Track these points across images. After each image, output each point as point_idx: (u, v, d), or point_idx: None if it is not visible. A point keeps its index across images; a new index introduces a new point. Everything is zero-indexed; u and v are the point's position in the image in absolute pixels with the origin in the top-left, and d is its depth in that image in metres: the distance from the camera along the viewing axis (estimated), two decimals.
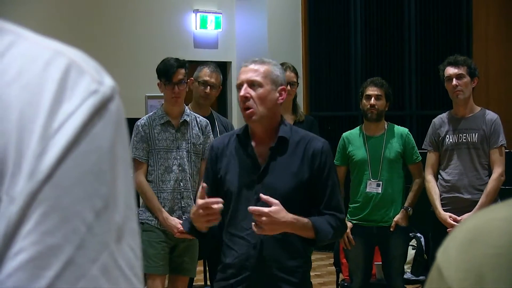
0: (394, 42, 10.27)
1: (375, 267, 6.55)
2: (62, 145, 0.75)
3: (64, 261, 0.73)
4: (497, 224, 0.84)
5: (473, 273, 0.82)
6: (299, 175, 3.58)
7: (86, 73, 0.80)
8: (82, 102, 0.77)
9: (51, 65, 0.78)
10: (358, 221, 5.95)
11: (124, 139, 0.82)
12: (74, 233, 0.74)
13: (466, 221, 0.89)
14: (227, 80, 10.51)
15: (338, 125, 10.23)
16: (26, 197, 0.74)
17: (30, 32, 0.82)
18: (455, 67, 5.68)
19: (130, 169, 0.83)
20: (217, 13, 10.50)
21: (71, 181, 0.75)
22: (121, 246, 0.78)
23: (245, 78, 3.59)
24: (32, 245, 0.73)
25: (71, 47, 0.83)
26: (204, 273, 6.98)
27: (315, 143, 3.62)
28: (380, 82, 6.00)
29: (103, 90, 0.80)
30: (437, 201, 5.70)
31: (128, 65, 9.64)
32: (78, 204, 0.75)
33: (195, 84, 5.85)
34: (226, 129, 5.94)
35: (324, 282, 8.39)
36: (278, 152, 3.62)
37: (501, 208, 0.87)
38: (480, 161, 5.66)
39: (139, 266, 0.81)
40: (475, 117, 5.72)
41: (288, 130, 3.64)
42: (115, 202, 0.78)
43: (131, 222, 0.81)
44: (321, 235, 3.54)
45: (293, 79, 6.07)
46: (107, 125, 0.79)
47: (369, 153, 5.92)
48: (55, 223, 0.74)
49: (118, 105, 0.81)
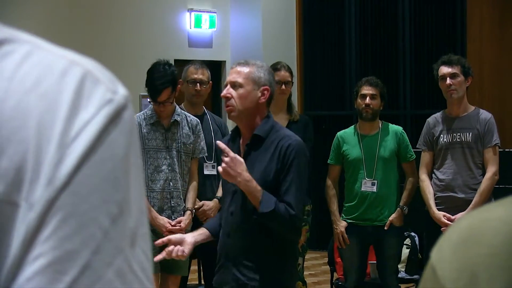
0: (388, 41, 10.27)
1: (370, 266, 6.55)
2: (79, 153, 0.77)
3: (81, 265, 0.76)
4: (491, 224, 0.84)
5: (467, 273, 0.82)
6: (267, 171, 3.83)
7: (101, 83, 0.82)
8: (98, 111, 0.79)
9: (67, 75, 0.80)
10: (353, 220, 5.96)
11: (136, 146, 0.84)
12: (91, 239, 0.77)
13: (460, 221, 0.89)
14: (222, 79, 10.50)
15: (332, 124, 10.22)
16: (44, 204, 0.76)
17: (45, 42, 0.85)
18: (449, 67, 5.68)
19: (141, 175, 0.85)
20: (211, 12, 10.49)
21: (88, 188, 0.77)
22: (134, 250, 0.80)
23: (229, 80, 3.95)
24: (50, 250, 0.75)
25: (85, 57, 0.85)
26: (199, 272, 6.98)
27: (284, 141, 3.85)
28: (375, 82, 6.01)
29: (117, 99, 0.82)
30: (431, 201, 5.70)
31: (122, 64, 9.63)
32: (94, 211, 0.77)
33: (184, 85, 5.85)
34: (219, 128, 5.94)
35: (318, 281, 8.40)
36: (252, 148, 3.90)
37: (496, 208, 0.87)
38: (474, 160, 5.67)
39: (150, 269, 0.83)
40: (469, 116, 5.73)
41: (266, 129, 3.89)
42: (129, 208, 0.80)
43: (143, 226, 0.83)
44: (264, 205, 3.73)
45: (288, 78, 6.05)
46: (122, 133, 0.81)
47: (364, 152, 5.93)
48: (73, 229, 0.76)
49: (131, 113, 0.83)
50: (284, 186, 3.79)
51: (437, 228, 5.56)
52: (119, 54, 9.65)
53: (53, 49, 0.84)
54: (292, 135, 3.94)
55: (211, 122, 5.93)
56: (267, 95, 3.90)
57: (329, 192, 6.05)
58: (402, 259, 7.03)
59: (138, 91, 9.76)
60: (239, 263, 3.85)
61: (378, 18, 10.36)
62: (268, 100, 3.93)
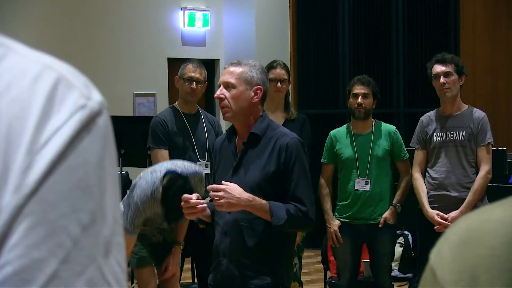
0: (382, 40, 10.28)
1: (363, 264, 6.55)
2: (48, 160, 0.76)
3: (48, 274, 0.74)
4: (491, 226, 0.83)
5: (467, 275, 0.82)
6: (266, 169, 3.85)
7: (74, 88, 0.80)
8: (70, 117, 0.78)
9: (40, 79, 0.79)
10: (346, 219, 5.96)
11: (112, 154, 0.82)
12: (59, 247, 0.75)
13: (459, 222, 0.88)
14: (215, 77, 10.50)
15: (326, 123, 10.23)
16: (11, 211, 0.74)
17: (20, 45, 0.83)
18: (443, 65, 5.69)
19: (117, 184, 0.83)
20: (205, 10, 10.49)
21: (57, 196, 0.76)
22: (108, 260, 0.79)
23: (222, 80, 3.99)
24: (17, 259, 0.74)
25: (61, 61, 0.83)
26: (192, 270, 6.97)
27: (283, 139, 3.88)
28: (367, 81, 6.00)
29: (91, 105, 0.80)
30: (424, 199, 5.71)
31: (116, 63, 9.62)
32: (64, 219, 0.75)
33: (180, 82, 5.85)
34: (213, 126, 5.94)
35: (311, 279, 8.40)
36: (250, 147, 3.93)
37: (495, 209, 0.86)
38: (468, 159, 5.67)
39: (125, 281, 0.81)
40: (462, 115, 5.73)
41: (263, 127, 3.92)
42: (103, 216, 0.79)
43: (118, 236, 0.81)
44: (275, 218, 3.76)
45: (283, 76, 6.03)
46: (95, 139, 0.79)
47: (357, 151, 5.93)
48: (41, 237, 0.74)
49: (106, 120, 0.81)
50: (292, 183, 3.83)
51: (430, 226, 5.57)
52: (113, 53, 9.63)
53: (28, 52, 0.82)
54: (289, 133, 3.97)
55: (204, 120, 5.93)
56: (260, 94, 3.94)
57: (322, 191, 6.05)
58: (395, 257, 7.03)
59: (132, 89, 9.77)
60: (237, 261, 3.86)
61: (371, 17, 10.37)
62: (262, 99, 3.97)
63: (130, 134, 6.96)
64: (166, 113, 5.88)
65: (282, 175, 3.84)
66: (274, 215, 3.76)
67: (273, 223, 3.77)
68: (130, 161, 7.26)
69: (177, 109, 5.86)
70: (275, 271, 3.87)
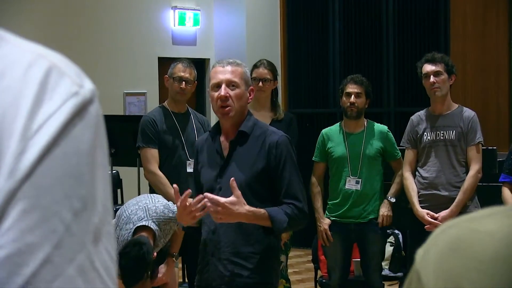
0: (372, 39, 10.29)
1: (354, 263, 6.56)
2: (41, 145, 0.76)
3: (41, 259, 0.74)
4: (480, 237, 0.83)
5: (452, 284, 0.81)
6: (255, 166, 3.86)
7: (66, 76, 0.81)
8: (63, 104, 0.78)
9: (32, 68, 0.79)
10: (336, 218, 5.96)
11: (103, 143, 0.82)
12: (52, 232, 0.75)
13: (448, 228, 0.88)
14: (205, 77, 10.49)
15: (316, 122, 10.25)
16: (5, 195, 0.74)
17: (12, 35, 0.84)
18: (433, 64, 5.70)
19: (108, 172, 0.83)
20: (195, 10, 10.48)
21: (50, 181, 0.76)
22: (98, 248, 0.79)
23: (225, 79, 3.90)
24: (10, 242, 0.74)
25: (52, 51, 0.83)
26: (183, 270, 6.97)
27: (272, 137, 3.90)
28: (360, 80, 6.00)
29: (83, 93, 0.80)
30: (414, 198, 5.71)
31: (106, 62, 9.60)
32: (57, 204, 0.76)
33: (170, 81, 5.85)
34: (202, 126, 5.93)
35: (302, 279, 8.40)
36: (238, 145, 3.93)
37: (486, 219, 0.85)
38: (458, 158, 5.68)
39: (114, 269, 0.81)
40: (452, 114, 5.74)
41: (250, 125, 3.94)
42: (93, 204, 0.79)
43: (108, 225, 0.82)
44: (277, 224, 3.78)
45: (265, 76, 6.04)
46: (87, 127, 0.79)
47: (349, 150, 5.93)
48: (34, 221, 0.75)
49: (97, 108, 0.82)
50: (285, 181, 3.85)
51: (420, 226, 5.58)
52: (104, 52, 9.61)
53: (20, 42, 0.83)
54: (276, 131, 4.00)
55: (194, 120, 5.92)
56: (253, 95, 4.02)
57: (313, 189, 6.05)
58: (386, 256, 7.05)
59: (123, 89, 9.75)
60: (225, 259, 3.86)
61: (362, 16, 10.38)
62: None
63: (120, 133, 6.95)
64: (155, 112, 5.88)
65: (272, 172, 3.85)
66: (275, 221, 3.77)
67: (276, 229, 3.79)
68: (120, 160, 7.26)
69: (167, 109, 5.85)
70: (264, 269, 3.89)
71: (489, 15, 9.53)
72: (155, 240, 4.66)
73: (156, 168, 5.69)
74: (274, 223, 3.77)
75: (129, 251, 4.39)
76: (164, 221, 4.71)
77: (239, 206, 3.67)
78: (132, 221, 4.67)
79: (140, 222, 4.64)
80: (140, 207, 4.73)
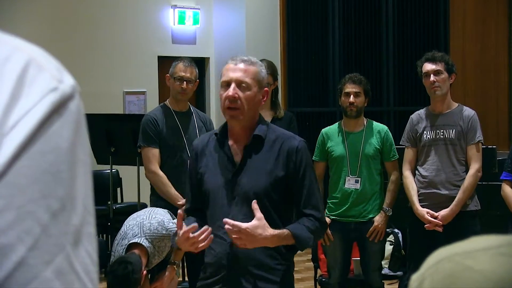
0: (372, 38, 10.29)
1: (353, 262, 6.56)
2: (17, 142, 0.73)
3: (15, 261, 0.71)
4: (474, 276, 0.82)
5: None
6: (274, 174, 3.56)
7: (45, 70, 0.77)
8: (40, 99, 0.75)
9: (9, 61, 0.76)
10: (336, 217, 5.96)
11: (84, 140, 0.79)
12: (27, 233, 0.72)
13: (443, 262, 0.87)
14: (205, 76, 10.49)
15: (316, 121, 10.24)
16: None
17: None
18: (433, 63, 5.69)
19: (89, 171, 0.80)
20: (195, 8, 10.48)
21: (26, 180, 0.73)
22: (78, 250, 0.76)
23: (235, 77, 3.54)
24: None
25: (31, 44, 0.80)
26: (183, 268, 6.96)
27: (291, 142, 3.60)
28: (359, 79, 5.99)
29: (62, 88, 0.77)
30: (414, 197, 5.71)
31: (106, 61, 9.60)
32: (33, 204, 0.72)
33: (171, 81, 5.83)
34: (204, 124, 5.92)
35: (302, 278, 8.40)
36: (253, 150, 3.60)
37: (482, 256, 0.85)
38: (457, 157, 5.68)
39: (95, 272, 0.78)
40: (452, 113, 5.74)
41: (264, 128, 3.62)
42: (73, 204, 0.76)
43: (89, 226, 0.78)
44: (302, 243, 3.55)
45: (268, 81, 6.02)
46: (67, 124, 0.76)
47: (348, 149, 5.92)
48: (8, 222, 0.71)
49: (78, 104, 0.78)
50: (305, 189, 3.58)
51: (420, 224, 5.58)
52: (103, 51, 9.61)
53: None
54: (292, 135, 3.72)
55: (196, 118, 5.91)
56: (267, 97, 3.66)
57: None
58: (385, 255, 7.04)
59: (122, 87, 9.75)
60: (247, 272, 3.59)
61: (361, 15, 10.38)
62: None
63: (120, 132, 6.94)
64: (157, 111, 5.86)
65: (290, 180, 3.57)
66: (300, 240, 3.52)
67: (303, 246, 3.59)
68: (120, 159, 7.25)
69: (168, 107, 5.84)
70: (285, 279, 3.69)
71: (489, 14, 9.53)
72: (149, 257, 4.54)
73: (157, 168, 5.68)
74: (299, 243, 3.54)
75: (116, 269, 4.31)
76: (158, 238, 4.59)
77: (262, 231, 3.39)
78: (127, 237, 4.59)
79: (134, 239, 4.55)
80: (137, 223, 4.65)
